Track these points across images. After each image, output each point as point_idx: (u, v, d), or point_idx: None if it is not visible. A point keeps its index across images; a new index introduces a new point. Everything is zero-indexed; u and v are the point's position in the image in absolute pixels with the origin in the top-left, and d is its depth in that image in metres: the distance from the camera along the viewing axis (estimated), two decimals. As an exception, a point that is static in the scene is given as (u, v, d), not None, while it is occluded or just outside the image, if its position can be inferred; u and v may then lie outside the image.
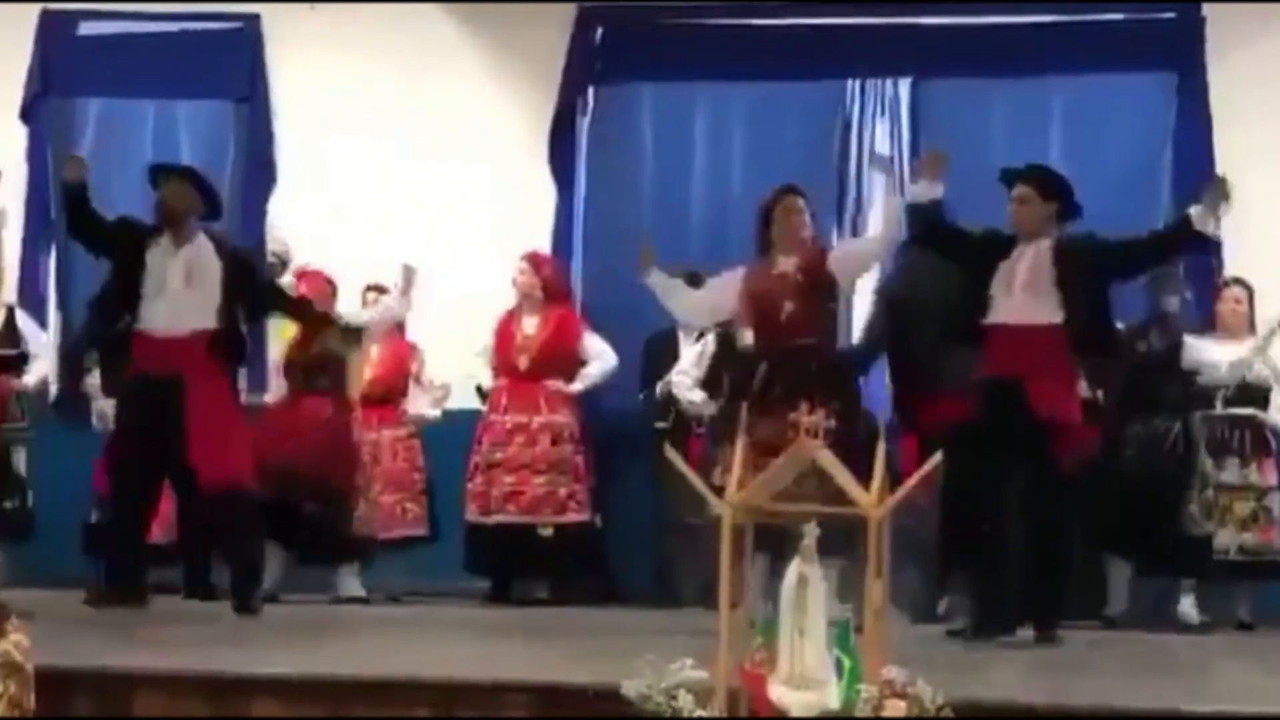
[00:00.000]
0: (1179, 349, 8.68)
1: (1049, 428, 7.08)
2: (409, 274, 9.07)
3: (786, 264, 7.46)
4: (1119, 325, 8.10)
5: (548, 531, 9.21)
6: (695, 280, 8.10)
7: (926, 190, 7.42)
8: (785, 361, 7.31)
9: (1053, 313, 7.18)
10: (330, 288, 9.27)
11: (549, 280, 9.51)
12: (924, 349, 7.92)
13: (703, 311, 8.14)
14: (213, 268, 7.83)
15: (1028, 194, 7.33)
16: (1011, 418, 7.05)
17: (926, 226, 7.48)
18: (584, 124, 10.46)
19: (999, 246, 7.33)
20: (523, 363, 9.37)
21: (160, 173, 8.08)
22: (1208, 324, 8.88)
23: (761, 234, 7.58)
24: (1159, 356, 8.68)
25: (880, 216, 7.52)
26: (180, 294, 7.77)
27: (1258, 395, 8.74)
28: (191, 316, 7.76)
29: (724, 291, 7.67)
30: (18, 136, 10.64)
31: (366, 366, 9.41)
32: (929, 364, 7.84)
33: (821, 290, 7.48)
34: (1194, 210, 7.26)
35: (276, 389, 9.31)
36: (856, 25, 10.24)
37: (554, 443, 9.30)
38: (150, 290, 7.79)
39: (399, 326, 9.54)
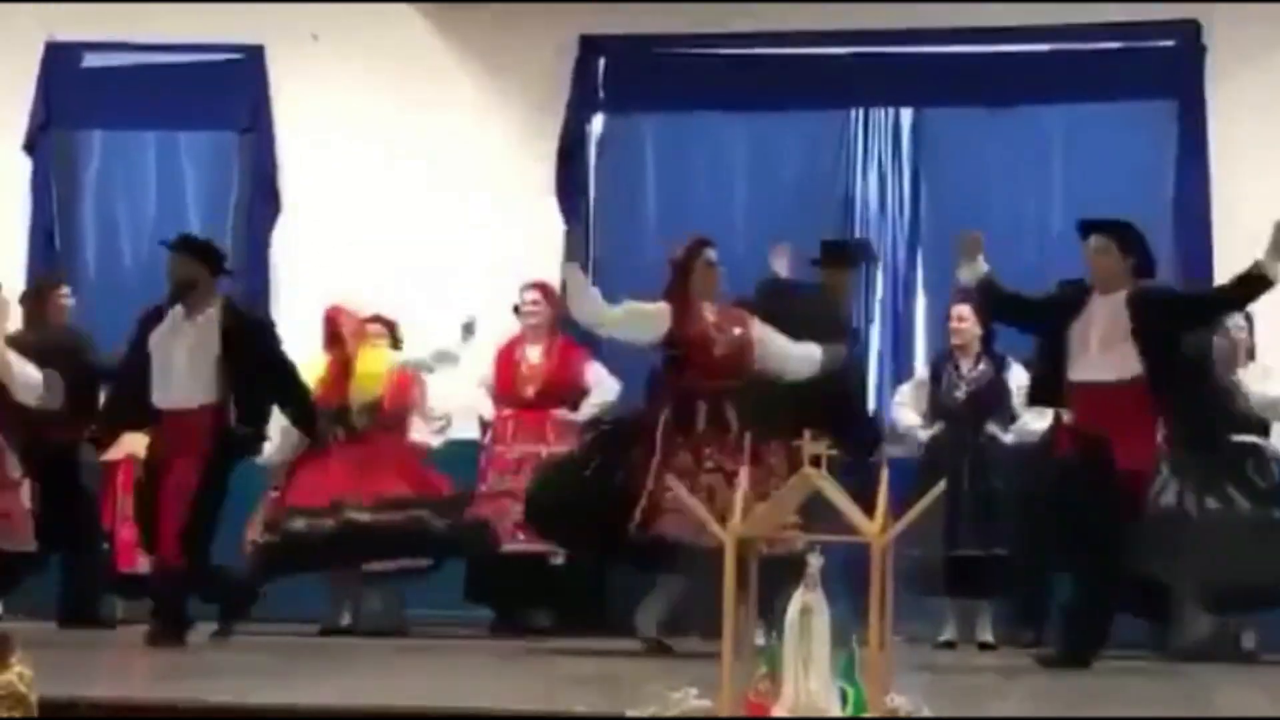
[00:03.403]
0: (1229, 390, 8.64)
1: (1130, 479, 7.29)
2: (471, 325, 9.01)
3: (710, 312, 7.74)
4: None
5: (559, 560, 9.19)
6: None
7: (972, 271, 7.58)
8: (725, 396, 7.58)
9: (1127, 369, 7.30)
10: (363, 327, 9.25)
11: (558, 309, 9.54)
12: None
13: (605, 323, 8.06)
14: (216, 338, 7.83)
15: (1107, 246, 7.43)
16: (1092, 471, 7.21)
17: (990, 302, 7.65)
18: (589, 154, 10.50)
19: (1068, 304, 7.46)
20: (528, 392, 9.37)
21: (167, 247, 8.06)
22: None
23: (679, 285, 7.74)
24: (1210, 399, 8.63)
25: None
26: (185, 369, 7.79)
27: (1258, 423, 8.72)
28: (197, 390, 7.78)
29: (644, 318, 7.77)
30: (21, 168, 10.68)
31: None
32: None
33: (746, 340, 7.74)
34: (1261, 258, 7.33)
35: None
36: (858, 55, 10.27)
37: (563, 472, 9.29)
38: (158, 367, 7.84)
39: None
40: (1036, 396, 8.02)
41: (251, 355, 7.88)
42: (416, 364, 9.19)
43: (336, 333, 9.11)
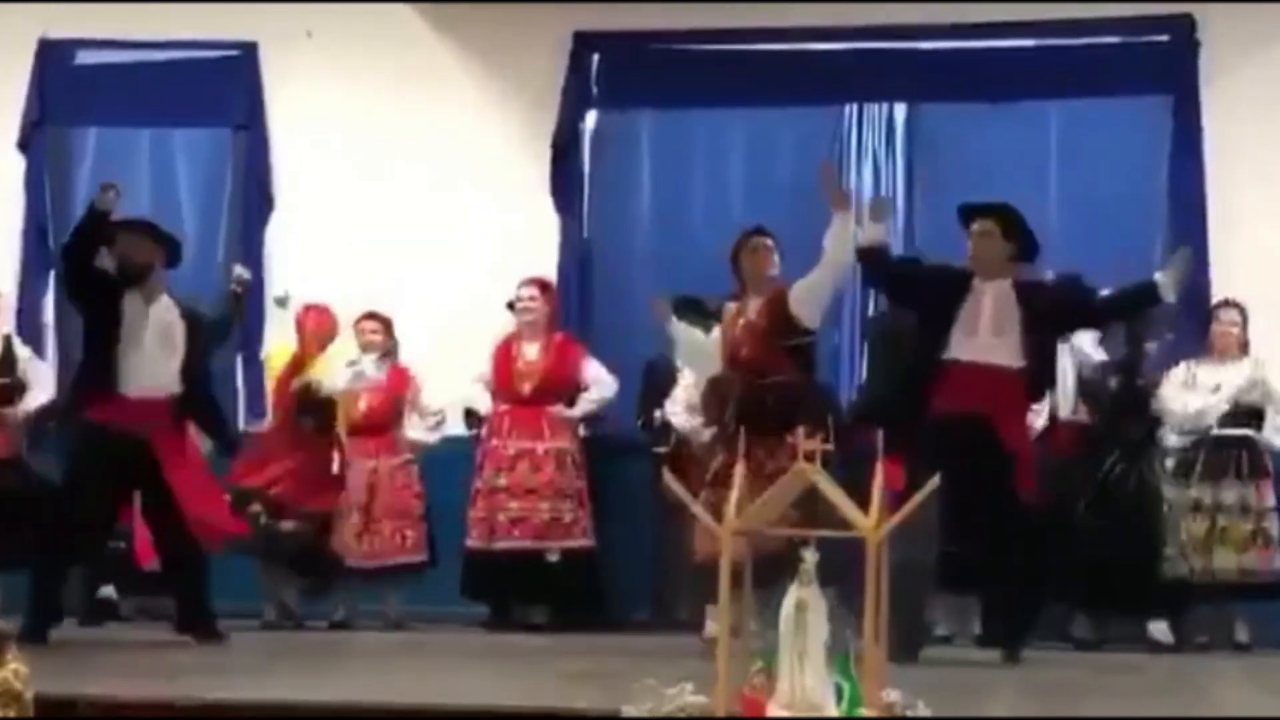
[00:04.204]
0: (1148, 391, 8.70)
1: (1011, 462, 7.26)
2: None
3: (750, 309, 7.69)
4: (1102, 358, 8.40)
5: (555, 557, 9.20)
6: (700, 308, 8.29)
7: (872, 234, 7.58)
8: (746, 398, 7.50)
9: (1014, 357, 7.33)
10: (334, 325, 9.32)
11: (555, 306, 9.57)
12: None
13: (707, 357, 8.16)
14: (179, 327, 7.83)
15: (990, 229, 7.44)
16: (975, 452, 7.14)
17: (875, 271, 7.67)
18: (583, 150, 10.49)
19: (953, 284, 7.43)
20: (525, 389, 9.37)
21: (117, 227, 7.84)
22: (1202, 347, 8.90)
23: (734, 275, 7.79)
24: (1127, 397, 8.67)
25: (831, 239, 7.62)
26: (155, 354, 7.74)
27: (1250, 416, 8.75)
28: (164, 377, 7.74)
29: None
30: (15, 166, 10.66)
31: (363, 394, 9.41)
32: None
33: (781, 331, 7.61)
34: (1161, 278, 7.44)
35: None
36: (853, 50, 10.26)
37: (558, 468, 9.31)
38: (125, 346, 7.70)
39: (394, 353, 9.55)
40: (914, 371, 7.69)
41: (204, 351, 7.97)
42: (318, 383, 9.23)
43: (300, 331, 9.30)
